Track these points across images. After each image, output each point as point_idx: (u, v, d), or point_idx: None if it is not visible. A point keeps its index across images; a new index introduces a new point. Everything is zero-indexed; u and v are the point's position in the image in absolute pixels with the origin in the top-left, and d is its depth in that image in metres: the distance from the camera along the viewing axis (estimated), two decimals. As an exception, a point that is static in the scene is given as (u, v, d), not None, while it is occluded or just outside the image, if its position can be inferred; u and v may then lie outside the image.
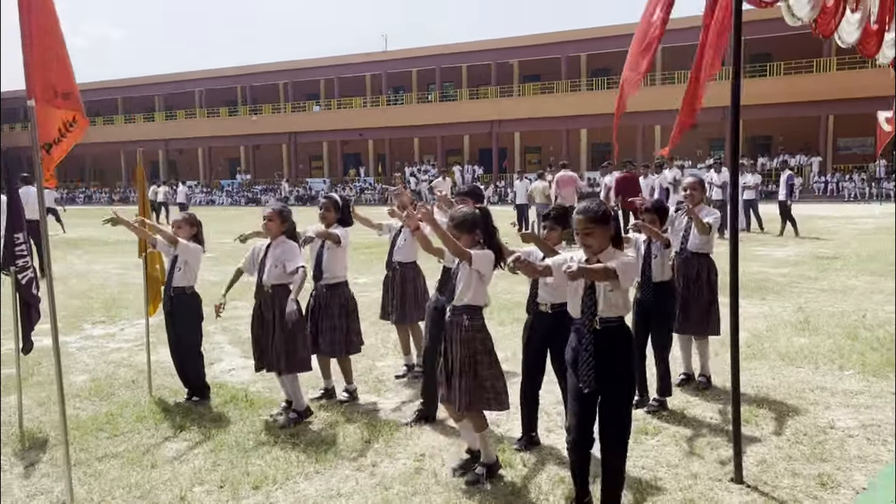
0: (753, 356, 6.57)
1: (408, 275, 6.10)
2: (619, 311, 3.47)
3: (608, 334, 3.44)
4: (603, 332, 3.43)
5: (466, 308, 4.01)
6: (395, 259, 6.14)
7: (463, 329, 4.00)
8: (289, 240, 5.19)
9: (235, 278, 5.40)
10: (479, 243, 4.01)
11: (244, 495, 4.00)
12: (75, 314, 9.36)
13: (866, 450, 4.45)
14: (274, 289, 5.11)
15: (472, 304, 4.01)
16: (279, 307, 5.04)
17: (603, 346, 3.43)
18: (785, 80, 36.95)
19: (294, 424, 5.05)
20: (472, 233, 4.00)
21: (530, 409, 4.66)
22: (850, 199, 33.81)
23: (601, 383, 3.43)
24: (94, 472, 4.33)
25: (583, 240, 3.44)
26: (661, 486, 4.00)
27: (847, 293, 9.57)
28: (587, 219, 3.41)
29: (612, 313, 3.45)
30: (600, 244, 3.43)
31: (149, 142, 49.50)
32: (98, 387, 6.09)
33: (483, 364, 4.01)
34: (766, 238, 16.90)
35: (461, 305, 4.02)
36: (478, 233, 4.01)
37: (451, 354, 4.03)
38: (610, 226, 3.45)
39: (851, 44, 6.23)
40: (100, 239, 20.17)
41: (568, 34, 42.52)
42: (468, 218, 4.02)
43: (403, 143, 49.26)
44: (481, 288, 4.02)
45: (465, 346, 3.98)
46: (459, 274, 4.02)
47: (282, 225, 5.18)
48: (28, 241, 4.94)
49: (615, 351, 3.45)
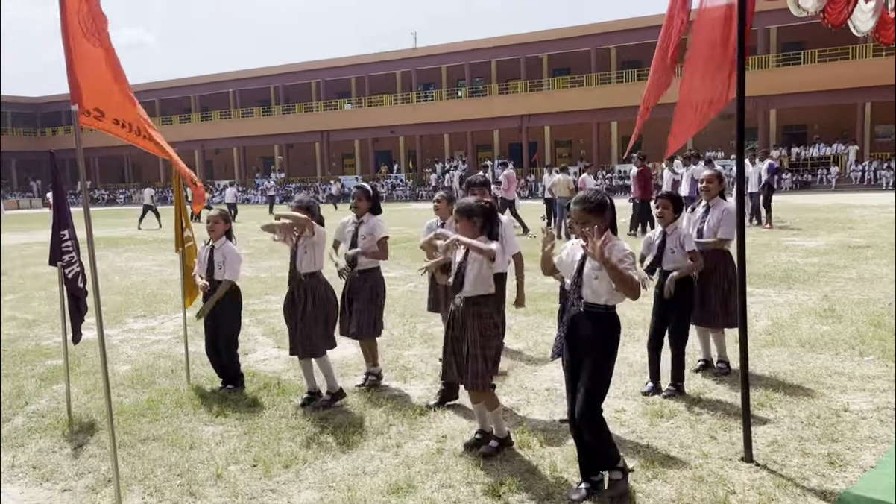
0: (773, 343, 6.66)
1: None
2: (604, 299, 3.65)
3: (591, 318, 3.66)
4: (586, 314, 3.67)
5: (479, 297, 4.25)
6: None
7: (478, 317, 4.22)
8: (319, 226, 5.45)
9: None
10: (481, 230, 4.21)
11: (275, 473, 4.25)
12: (117, 309, 9.76)
13: (878, 431, 4.54)
14: (307, 277, 5.38)
15: (484, 293, 4.25)
16: (312, 295, 5.35)
17: (585, 328, 3.67)
18: (820, 67, 36.35)
19: (328, 406, 5.33)
20: (470, 219, 4.20)
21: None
22: (887, 188, 33.14)
23: (580, 360, 3.68)
24: (137, 453, 4.63)
25: (580, 229, 3.64)
26: (673, 465, 4.15)
27: (875, 282, 9.54)
28: (583, 209, 3.62)
29: (595, 300, 3.65)
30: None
31: (185, 142, 50.51)
32: (139, 376, 6.42)
33: (492, 348, 4.28)
34: (799, 228, 16.78)
35: (474, 296, 4.24)
36: (476, 220, 4.20)
37: (465, 340, 4.26)
38: (606, 215, 3.64)
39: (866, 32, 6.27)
40: (140, 238, 20.78)
41: (597, 27, 42.34)
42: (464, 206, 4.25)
43: (434, 139, 49.53)
44: (490, 278, 4.27)
45: (479, 332, 4.21)
46: (469, 266, 4.24)
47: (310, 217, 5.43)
48: (74, 237, 5.26)
49: (596, 333, 3.67)
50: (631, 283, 3.50)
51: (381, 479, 4.12)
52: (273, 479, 4.18)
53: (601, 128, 43.05)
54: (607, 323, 3.70)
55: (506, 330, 6.39)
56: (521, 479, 4.03)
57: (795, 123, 40.67)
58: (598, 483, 3.81)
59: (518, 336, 7.12)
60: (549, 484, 3.97)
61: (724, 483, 3.89)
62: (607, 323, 3.70)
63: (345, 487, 4.03)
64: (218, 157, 57.55)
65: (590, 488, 3.78)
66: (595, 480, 3.81)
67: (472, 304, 4.25)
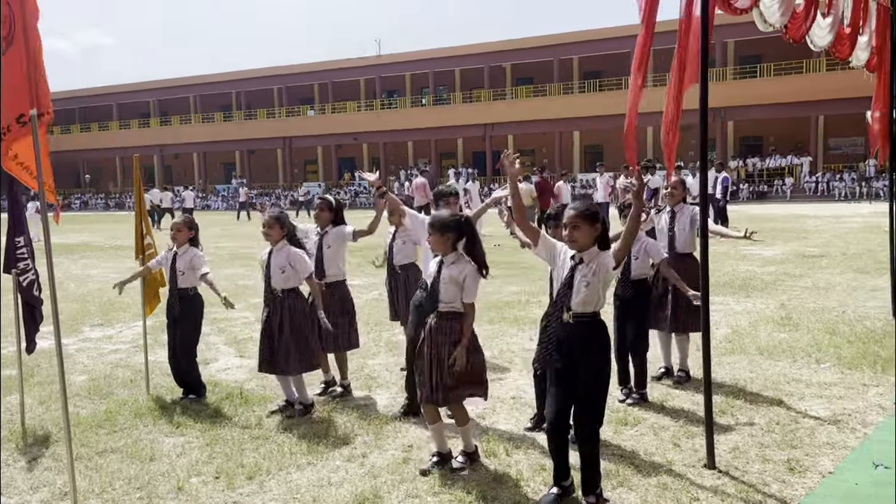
0: (733, 351, 6.78)
1: (411, 276, 6.21)
2: (591, 307, 3.68)
3: (580, 327, 3.66)
4: (575, 325, 3.66)
5: (455, 314, 4.19)
6: (395, 262, 6.30)
7: (454, 333, 4.16)
8: (290, 244, 5.37)
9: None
10: (454, 248, 4.16)
11: (239, 485, 4.18)
12: (73, 317, 9.53)
13: (835, 437, 4.64)
14: (284, 293, 5.30)
15: (458, 309, 4.19)
16: (289, 310, 5.28)
17: (576, 337, 3.65)
18: (776, 80, 37.29)
19: (302, 416, 5.27)
20: (443, 234, 4.14)
21: (544, 390, 4.84)
22: (840, 199, 34.11)
23: (578, 370, 3.65)
24: (94, 466, 4.51)
25: (570, 233, 3.64)
26: (637, 472, 4.19)
27: (830, 290, 9.79)
28: (577, 214, 3.63)
29: (584, 308, 3.67)
30: (585, 240, 3.64)
31: (144, 147, 49.68)
32: (97, 386, 6.26)
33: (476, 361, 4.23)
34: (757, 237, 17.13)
35: (449, 311, 4.19)
36: (449, 235, 4.14)
37: (439, 355, 4.18)
38: (597, 227, 3.65)
39: (824, 47, 6.46)
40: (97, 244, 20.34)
41: (560, 37, 42.84)
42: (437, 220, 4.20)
43: (398, 146, 49.51)
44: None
45: (454, 347, 4.14)
46: (442, 280, 4.17)
47: (282, 231, 5.37)
48: (29, 243, 5.11)
49: (589, 341, 3.67)
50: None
51: (346, 490, 4.07)
52: (236, 491, 4.11)
53: (564, 137, 43.49)
54: (598, 330, 3.71)
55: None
56: (488, 489, 4.03)
57: (752, 135, 41.60)
58: (567, 488, 3.83)
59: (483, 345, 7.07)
60: (516, 493, 3.98)
61: (688, 490, 3.94)
62: (598, 330, 3.71)
63: (310, 499, 3.98)
64: (177, 163, 56.70)
65: (560, 494, 3.79)
66: (565, 485, 3.83)
67: (446, 320, 4.20)
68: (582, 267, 3.66)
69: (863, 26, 7.09)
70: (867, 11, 7.11)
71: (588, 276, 3.63)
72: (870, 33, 7.24)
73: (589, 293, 3.64)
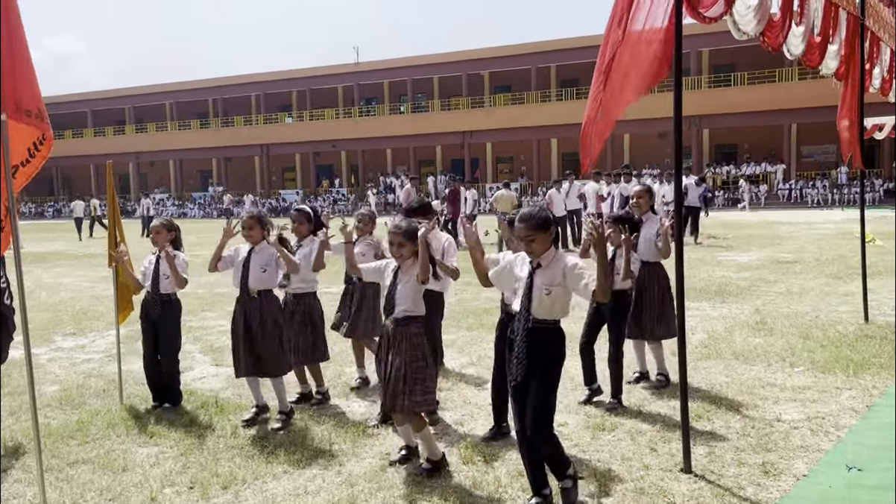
0: (709, 356, 6.83)
1: (367, 292, 6.07)
2: (552, 315, 3.70)
3: (540, 334, 3.68)
4: (535, 330, 3.67)
5: (411, 318, 4.23)
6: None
7: (410, 336, 4.21)
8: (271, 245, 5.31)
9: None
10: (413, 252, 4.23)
11: (213, 495, 4.13)
12: (45, 327, 9.37)
13: (809, 440, 4.69)
14: (260, 294, 5.25)
15: (416, 314, 4.25)
16: (265, 312, 5.23)
17: (534, 344, 3.67)
18: (749, 89, 37.81)
19: (284, 427, 5.18)
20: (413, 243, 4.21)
21: (502, 402, 4.81)
22: (813, 206, 34.62)
23: (529, 378, 3.67)
24: (65, 477, 4.43)
25: (526, 246, 3.68)
26: (615, 477, 4.20)
27: (803, 295, 9.91)
28: (528, 226, 3.65)
29: (546, 316, 3.68)
30: (541, 247, 3.68)
31: (119, 155, 49.13)
32: (68, 396, 6.16)
33: (425, 369, 4.24)
34: (732, 244, 17.33)
35: (405, 317, 4.23)
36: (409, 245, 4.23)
37: (395, 362, 4.20)
38: (551, 230, 3.69)
39: (798, 56, 6.54)
40: (69, 253, 20.05)
41: (538, 45, 43.13)
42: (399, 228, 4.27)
43: (376, 153, 49.44)
44: (419, 298, 4.27)
45: (410, 353, 4.19)
46: (399, 287, 4.23)
47: (262, 230, 5.32)
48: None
49: (545, 349, 3.69)
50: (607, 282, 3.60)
51: (323, 498, 4.04)
52: (211, 502, 4.05)
53: (541, 145, 43.73)
54: (556, 337, 3.73)
55: (444, 348, 6.37)
56: (466, 496, 4.01)
57: (727, 143, 42.12)
58: (548, 496, 3.82)
59: (462, 350, 7.11)
60: (493, 499, 3.96)
61: (665, 494, 3.95)
62: (556, 337, 3.73)
63: (286, 508, 3.94)
64: (153, 170, 56.15)
65: (541, 502, 3.79)
66: (545, 494, 3.82)
67: (402, 325, 4.23)
68: (540, 272, 3.69)
69: (832, 35, 7.20)
70: (837, 20, 7.23)
71: (547, 284, 3.66)
72: (839, 42, 7.36)
73: (550, 300, 3.66)
